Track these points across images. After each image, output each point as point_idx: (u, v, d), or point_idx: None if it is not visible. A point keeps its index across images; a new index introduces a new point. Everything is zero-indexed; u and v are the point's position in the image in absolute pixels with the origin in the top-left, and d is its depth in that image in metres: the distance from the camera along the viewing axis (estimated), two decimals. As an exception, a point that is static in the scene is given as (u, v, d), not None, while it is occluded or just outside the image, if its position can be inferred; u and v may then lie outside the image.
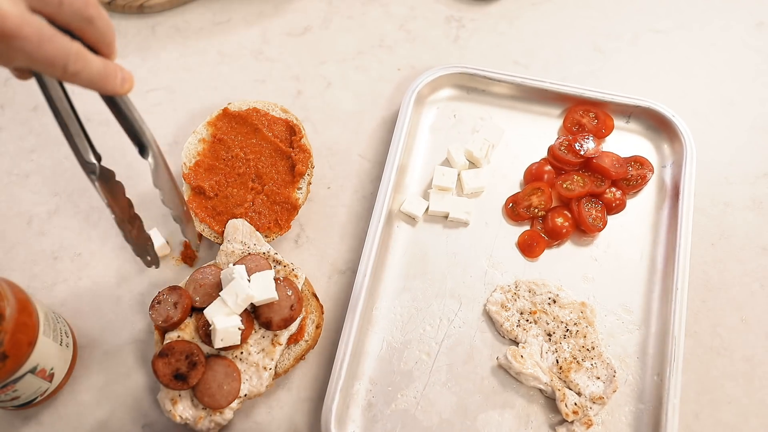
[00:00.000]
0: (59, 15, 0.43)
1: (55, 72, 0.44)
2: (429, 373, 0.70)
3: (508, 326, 0.71)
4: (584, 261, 0.76)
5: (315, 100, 0.87)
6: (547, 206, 0.78)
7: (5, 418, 0.68)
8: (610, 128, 0.83)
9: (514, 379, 0.70)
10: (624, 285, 0.75)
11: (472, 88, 0.86)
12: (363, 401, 0.69)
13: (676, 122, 0.80)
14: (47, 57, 0.42)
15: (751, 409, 0.69)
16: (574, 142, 0.80)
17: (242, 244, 0.71)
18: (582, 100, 0.83)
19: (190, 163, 0.76)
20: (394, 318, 0.73)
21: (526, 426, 0.68)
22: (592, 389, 0.68)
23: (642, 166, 0.80)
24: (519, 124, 0.84)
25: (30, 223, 0.79)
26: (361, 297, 0.70)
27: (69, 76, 0.45)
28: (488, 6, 0.95)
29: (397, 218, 0.78)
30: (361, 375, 0.70)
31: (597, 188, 0.78)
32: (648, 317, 0.73)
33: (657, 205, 0.79)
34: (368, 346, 0.71)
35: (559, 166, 0.80)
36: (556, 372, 0.69)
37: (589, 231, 0.76)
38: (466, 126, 0.84)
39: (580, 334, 0.70)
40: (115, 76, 0.48)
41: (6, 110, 0.86)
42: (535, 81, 0.83)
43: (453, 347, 0.71)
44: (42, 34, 0.42)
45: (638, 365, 0.71)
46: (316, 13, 0.94)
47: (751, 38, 0.93)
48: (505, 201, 0.80)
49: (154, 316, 0.66)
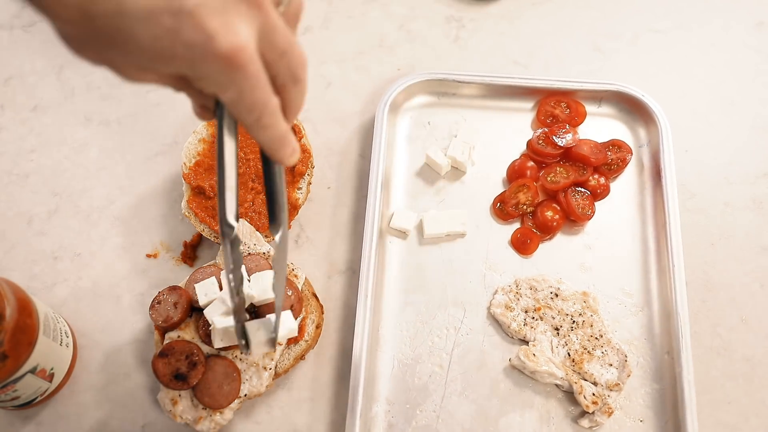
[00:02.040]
0: (275, 65, 0.41)
1: (248, 118, 0.41)
2: (444, 384, 0.70)
3: (515, 326, 0.71)
4: (579, 250, 0.77)
5: (315, 100, 0.87)
6: (535, 201, 0.78)
7: (5, 418, 0.68)
8: (582, 115, 0.83)
9: (528, 378, 0.70)
10: (621, 269, 0.75)
11: (443, 93, 0.86)
12: (383, 423, 0.68)
13: (647, 101, 0.82)
14: (252, 102, 0.40)
15: (751, 409, 0.69)
16: (551, 134, 0.80)
17: (242, 245, 0.71)
18: (552, 91, 0.84)
19: (190, 163, 0.76)
20: (401, 335, 0.72)
21: (548, 423, 0.68)
22: (607, 377, 0.68)
23: (620, 149, 0.81)
24: (494, 123, 0.85)
25: (30, 223, 0.79)
26: (366, 318, 0.69)
27: (257, 127, 0.42)
28: (488, 6, 0.95)
29: (388, 234, 0.78)
30: (377, 397, 0.69)
31: (580, 177, 0.79)
32: (649, 298, 0.73)
33: (640, 186, 0.80)
34: (380, 366, 0.71)
35: (540, 159, 0.81)
36: (569, 365, 0.69)
37: (579, 220, 0.77)
38: (441, 132, 0.84)
39: (587, 324, 0.71)
40: (290, 145, 0.45)
41: (6, 110, 0.86)
42: (501, 78, 0.84)
43: (464, 355, 0.71)
44: (259, 78, 0.39)
45: (647, 346, 0.71)
46: (316, 13, 0.94)
47: (751, 38, 0.93)
48: (492, 202, 0.80)
49: (154, 316, 0.66)
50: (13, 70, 0.89)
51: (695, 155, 0.83)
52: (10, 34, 0.92)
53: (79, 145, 0.84)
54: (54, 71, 0.89)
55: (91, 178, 0.82)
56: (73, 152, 0.83)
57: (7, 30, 0.92)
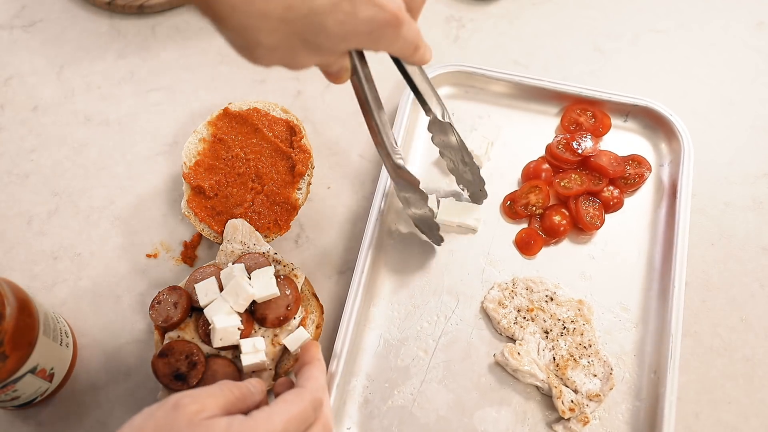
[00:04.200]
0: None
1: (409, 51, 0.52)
2: (426, 370, 0.70)
3: (505, 323, 0.71)
4: (582, 259, 0.76)
5: (315, 100, 0.87)
6: (545, 204, 0.78)
7: (5, 418, 0.68)
8: (607, 127, 0.83)
9: (511, 377, 0.70)
10: (621, 283, 0.75)
11: (470, 87, 0.86)
12: (360, 398, 0.69)
13: (674, 121, 0.81)
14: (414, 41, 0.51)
15: (751, 409, 0.69)
16: (572, 140, 0.80)
17: (242, 244, 0.71)
18: (580, 98, 0.83)
19: (190, 163, 0.76)
20: (392, 315, 0.73)
21: (523, 423, 0.68)
22: (589, 387, 0.68)
23: (640, 164, 0.80)
24: (517, 122, 0.84)
25: (30, 223, 0.79)
26: (358, 294, 0.70)
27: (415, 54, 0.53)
28: (488, 6, 0.95)
29: (396, 217, 0.78)
30: (357, 371, 0.70)
31: (595, 187, 0.78)
32: (645, 315, 0.73)
33: (654, 204, 0.79)
34: (365, 342, 0.71)
35: (557, 164, 0.80)
36: (552, 369, 0.69)
37: (587, 229, 0.77)
38: (464, 124, 0.84)
39: (577, 332, 0.71)
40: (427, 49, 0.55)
41: (6, 110, 0.86)
42: (532, 80, 0.83)
43: (450, 344, 0.71)
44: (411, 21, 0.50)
45: (635, 363, 0.71)
46: (316, 13, 0.94)
47: (751, 38, 0.93)
48: (502, 199, 0.80)
49: (154, 316, 0.66)
50: (13, 70, 0.89)
51: (695, 155, 0.83)
52: (10, 34, 0.92)
53: (79, 145, 0.84)
54: (54, 71, 0.89)
55: (91, 178, 0.82)
56: (73, 152, 0.83)
57: (7, 30, 0.92)
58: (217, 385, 0.52)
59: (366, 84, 0.56)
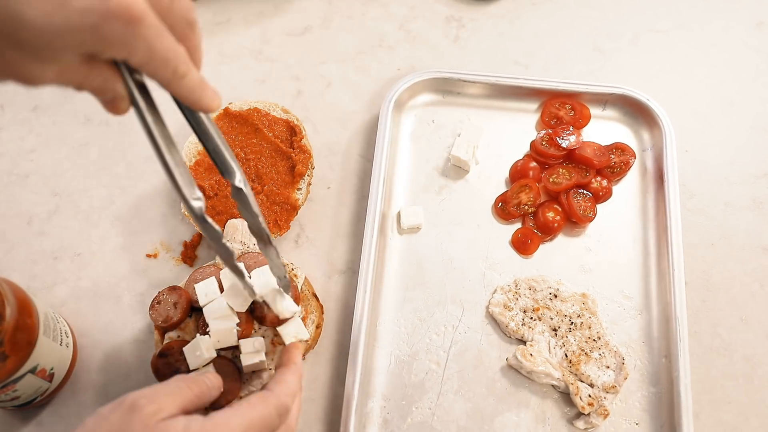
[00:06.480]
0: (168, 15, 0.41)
1: (165, 72, 0.41)
2: (440, 382, 0.70)
3: (513, 326, 0.71)
4: (579, 252, 0.77)
5: (315, 100, 0.87)
6: (536, 202, 0.78)
7: (5, 418, 0.68)
8: (587, 118, 0.84)
9: (525, 378, 0.70)
10: (621, 272, 0.75)
11: (447, 92, 0.86)
12: (378, 419, 0.68)
13: (651, 105, 0.82)
14: (164, 52, 0.40)
15: (751, 409, 0.69)
16: (555, 135, 0.80)
17: (242, 244, 0.71)
18: (557, 93, 0.84)
19: (190, 163, 0.76)
20: (399, 331, 0.72)
21: (544, 423, 0.68)
22: (604, 379, 0.68)
23: (623, 152, 0.81)
24: (498, 123, 0.85)
25: (30, 223, 0.79)
26: (364, 313, 0.70)
27: (177, 79, 0.42)
28: (488, 6, 0.95)
29: (389, 231, 0.78)
30: (372, 393, 0.69)
31: (583, 179, 0.79)
32: (648, 301, 0.73)
33: (642, 190, 0.80)
34: (376, 362, 0.71)
35: (543, 160, 0.81)
36: (566, 366, 0.69)
37: (581, 222, 0.77)
38: (446, 130, 0.84)
39: (585, 326, 0.71)
40: (209, 88, 0.46)
41: (6, 110, 0.86)
42: (507, 78, 0.84)
43: (461, 353, 0.71)
44: (160, 26, 0.39)
45: (645, 350, 0.71)
46: (316, 13, 0.94)
47: (751, 38, 0.93)
48: (494, 201, 0.80)
49: (154, 316, 0.66)
50: (13, 70, 0.89)
51: (695, 155, 0.83)
52: (10, 34, 0.92)
53: (79, 145, 0.84)
54: (54, 71, 0.89)
55: (91, 178, 0.82)
56: (73, 152, 0.83)
57: (7, 30, 0.92)
58: (174, 381, 0.49)
59: (150, 116, 0.46)
